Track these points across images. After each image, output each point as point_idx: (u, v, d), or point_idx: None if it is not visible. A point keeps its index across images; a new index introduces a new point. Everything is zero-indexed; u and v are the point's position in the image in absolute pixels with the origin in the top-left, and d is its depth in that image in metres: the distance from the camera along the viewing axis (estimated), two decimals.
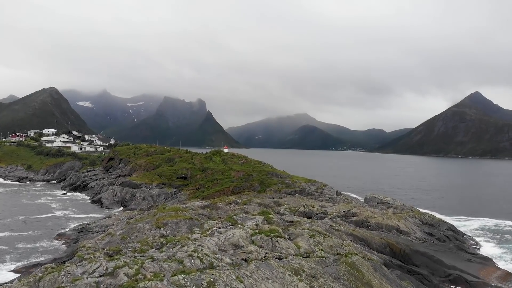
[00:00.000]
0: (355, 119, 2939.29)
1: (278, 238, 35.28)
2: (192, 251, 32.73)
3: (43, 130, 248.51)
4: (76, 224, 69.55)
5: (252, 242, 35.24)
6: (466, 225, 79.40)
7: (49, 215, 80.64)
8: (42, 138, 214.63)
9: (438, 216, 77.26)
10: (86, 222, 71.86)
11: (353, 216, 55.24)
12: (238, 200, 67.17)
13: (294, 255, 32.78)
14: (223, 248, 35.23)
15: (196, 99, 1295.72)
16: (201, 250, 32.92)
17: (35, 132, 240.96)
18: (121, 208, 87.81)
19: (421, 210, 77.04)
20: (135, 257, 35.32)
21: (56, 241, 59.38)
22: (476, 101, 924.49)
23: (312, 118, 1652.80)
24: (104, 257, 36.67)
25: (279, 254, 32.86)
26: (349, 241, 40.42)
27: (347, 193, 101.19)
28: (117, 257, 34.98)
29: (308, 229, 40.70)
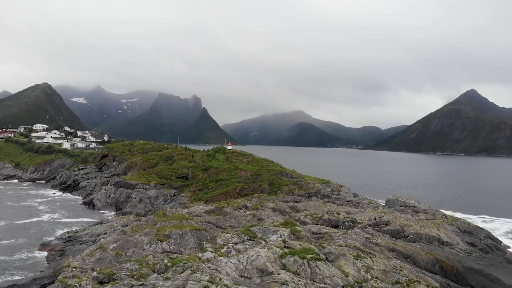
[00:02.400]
0: (350, 116, 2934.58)
1: (317, 262, 27.41)
2: (208, 281, 24.79)
3: (34, 126, 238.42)
4: (64, 231, 61.22)
5: (284, 267, 27.36)
6: (495, 228, 74.20)
7: (35, 219, 72.35)
8: (32, 134, 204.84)
9: (461, 216, 72.34)
10: (75, 228, 63.60)
11: (386, 225, 47.51)
12: (247, 204, 59.28)
13: (343, 287, 24.94)
14: (246, 274, 27.32)
15: (191, 96, 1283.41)
16: (220, 279, 24.99)
17: (25, 128, 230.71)
18: (115, 211, 79.62)
19: (443, 211, 70.80)
20: (132, 286, 27.41)
21: (38, 253, 51.20)
22: (472, 99, 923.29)
23: (307, 115, 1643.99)
24: (92, 285, 28.80)
25: (323, 285, 25.02)
26: (399, 261, 32.73)
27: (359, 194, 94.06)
28: (108, 286, 27.11)
29: (346, 245, 32.91)
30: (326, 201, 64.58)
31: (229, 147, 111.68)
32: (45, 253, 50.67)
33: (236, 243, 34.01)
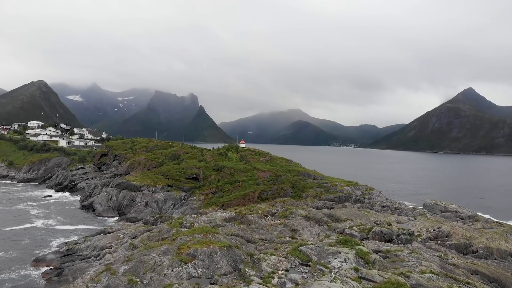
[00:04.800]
0: (347, 114, 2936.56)
1: None
2: None
3: (28, 123, 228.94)
4: (61, 242, 53.40)
5: None
6: None
7: (27, 226, 64.42)
8: (27, 131, 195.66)
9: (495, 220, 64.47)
10: (73, 238, 55.89)
11: (447, 237, 40.02)
12: (273, 211, 51.59)
13: None
14: None
15: (188, 94, 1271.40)
16: None
17: (19, 125, 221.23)
18: (118, 216, 71.63)
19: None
20: None
21: (32, 269, 43.41)
22: (469, 97, 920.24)
23: (305, 113, 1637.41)
24: None
25: None
26: None
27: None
28: None
29: (431, 272, 25.35)
30: (359, 206, 57.00)
31: (243, 145, 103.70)
32: (40, 270, 42.88)
33: (287, 270, 26.29)
